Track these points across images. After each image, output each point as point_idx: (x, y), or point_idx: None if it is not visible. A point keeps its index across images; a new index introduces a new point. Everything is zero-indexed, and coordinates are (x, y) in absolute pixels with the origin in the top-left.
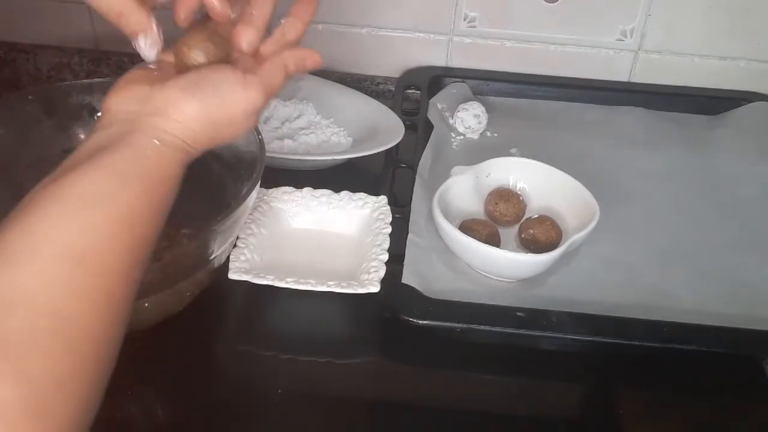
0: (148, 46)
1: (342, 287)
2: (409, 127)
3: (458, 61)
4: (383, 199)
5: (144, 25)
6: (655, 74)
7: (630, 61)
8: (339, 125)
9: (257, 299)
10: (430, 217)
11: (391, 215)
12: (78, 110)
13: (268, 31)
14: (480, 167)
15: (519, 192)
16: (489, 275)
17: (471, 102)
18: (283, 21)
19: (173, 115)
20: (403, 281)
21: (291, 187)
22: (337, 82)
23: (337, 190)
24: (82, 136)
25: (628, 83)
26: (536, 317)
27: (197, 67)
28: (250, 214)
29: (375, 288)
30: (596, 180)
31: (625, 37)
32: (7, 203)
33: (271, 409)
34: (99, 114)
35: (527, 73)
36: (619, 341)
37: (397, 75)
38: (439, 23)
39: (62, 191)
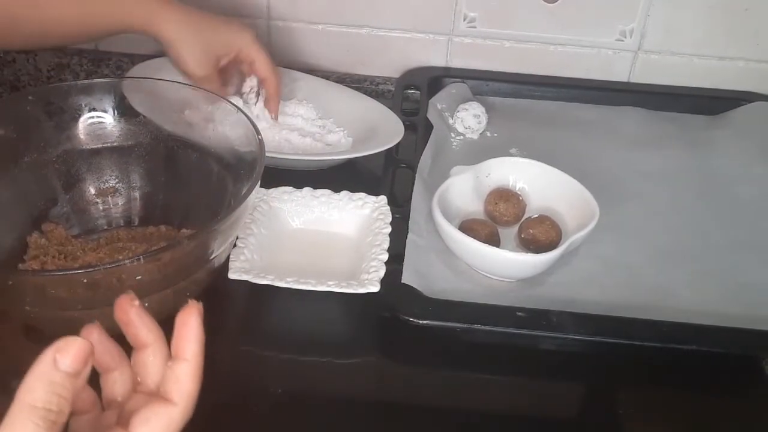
0: None
1: (342, 287)
2: (409, 128)
3: (458, 62)
4: (383, 199)
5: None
6: (654, 74)
7: (629, 62)
8: (339, 125)
9: (257, 299)
10: (430, 217)
11: (390, 215)
12: (78, 110)
13: None
14: (480, 167)
15: (519, 192)
16: (489, 275)
17: (471, 102)
18: None
19: None
20: (402, 281)
21: (291, 187)
22: (337, 82)
23: (337, 190)
24: (82, 137)
25: (628, 83)
26: (536, 317)
27: None
28: (249, 214)
29: (375, 288)
30: (596, 180)
31: (625, 37)
32: (8, 203)
33: (271, 409)
34: (99, 114)
35: (527, 74)
36: (619, 341)
37: (396, 75)
38: (438, 23)
39: None
